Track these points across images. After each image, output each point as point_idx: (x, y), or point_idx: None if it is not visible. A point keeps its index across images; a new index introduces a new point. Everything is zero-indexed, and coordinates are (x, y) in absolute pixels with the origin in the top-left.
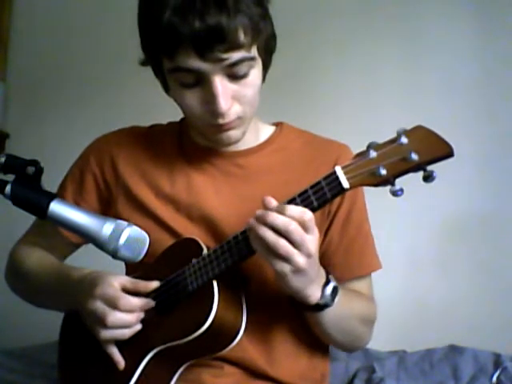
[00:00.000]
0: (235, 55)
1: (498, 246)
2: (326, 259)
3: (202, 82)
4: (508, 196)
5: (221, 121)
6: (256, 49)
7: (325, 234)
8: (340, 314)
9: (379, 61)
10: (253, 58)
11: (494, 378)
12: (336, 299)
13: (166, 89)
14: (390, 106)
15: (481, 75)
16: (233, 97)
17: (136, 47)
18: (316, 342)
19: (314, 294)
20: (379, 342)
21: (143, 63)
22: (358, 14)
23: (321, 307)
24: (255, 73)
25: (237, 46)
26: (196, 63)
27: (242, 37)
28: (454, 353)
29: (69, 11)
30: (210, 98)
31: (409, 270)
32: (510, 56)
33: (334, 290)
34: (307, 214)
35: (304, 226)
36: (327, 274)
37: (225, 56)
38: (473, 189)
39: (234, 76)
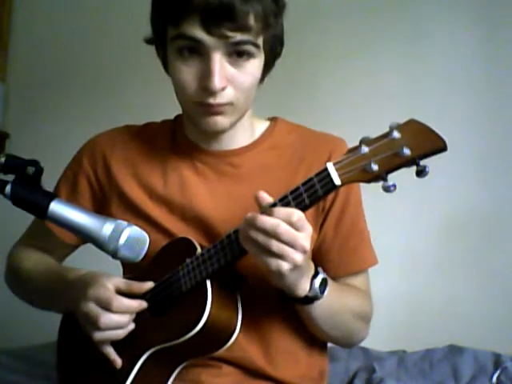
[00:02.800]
0: (241, 36)
1: (497, 245)
2: (320, 255)
3: (200, 55)
4: (507, 195)
5: (211, 100)
6: (262, 41)
7: (319, 229)
8: (331, 307)
9: (380, 62)
10: (256, 46)
11: (494, 378)
12: (326, 292)
13: (166, 66)
14: (391, 106)
15: (481, 75)
16: (228, 80)
17: (136, 48)
18: (314, 339)
19: (302, 286)
20: (379, 341)
21: (148, 40)
22: (359, 15)
23: (310, 300)
24: (255, 64)
25: (244, 28)
26: (200, 34)
27: (251, 21)
28: (453, 353)
29: (69, 11)
30: (206, 74)
31: (408, 269)
32: (509, 56)
33: (323, 282)
34: (295, 215)
35: (294, 227)
36: (316, 266)
37: (230, 34)
38: (472, 187)
39: (234, 58)
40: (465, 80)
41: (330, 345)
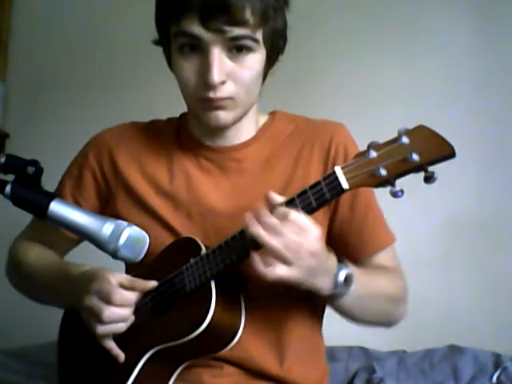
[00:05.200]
0: (238, 30)
1: (497, 246)
2: (341, 239)
3: (201, 51)
4: (507, 196)
5: (212, 94)
6: (262, 35)
7: (333, 215)
8: (361, 298)
9: (380, 61)
10: (255, 40)
11: (494, 378)
12: (352, 286)
13: (170, 64)
14: (391, 106)
15: (481, 76)
16: (228, 74)
17: (136, 47)
18: (317, 339)
19: (324, 286)
20: (379, 342)
21: (156, 42)
22: (358, 14)
23: (336, 296)
24: (255, 58)
25: (241, 22)
26: (198, 30)
27: (248, 15)
28: (453, 353)
29: (69, 11)
30: (205, 69)
31: (408, 269)
32: (510, 57)
33: (348, 278)
34: (291, 215)
35: (293, 227)
36: (339, 261)
37: (227, 28)
38: (473, 189)
39: (234, 53)
40: (465, 78)
41: (329, 344)
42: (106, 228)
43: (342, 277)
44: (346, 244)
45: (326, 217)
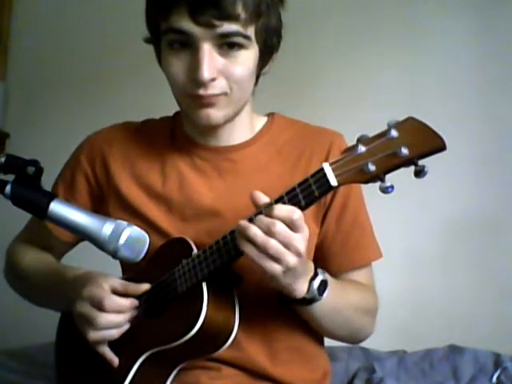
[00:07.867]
0: (228, 26)
1: (498, 246)
2: (323, 250)
3: (191, 48)
4: (507, 195)
5: (202, 91)
6: (254, 32)
7: (321, 224)
8: (334, 306)
9: (380, 61)
10: (246, 37)
11: (494, 378)
12: (325, 293)
13: (161, 62)
14: (391, 104)
15: (481, 76)
16: (219, 70)
17: (136, 48)
18: (317, 338)
19: (299, 288)
20: (379, 341)
21: (147, 40)
22: (358, 14)
23: (308, 301)
24: (247, 55)
25: (231, 17)
26: (188, 25)
27: (238, 10)
28: (453, 353)
29: (69, 11)
30: (195, 65)
31: (409, 269)
32: (509, 57)
33: (322, 284)
34: (296, 213)
35: (292, 225)
36: (315, 267)
37: (217, 23)
38: (472, 188)
39: (225, 50)
40: (464, 79)
41: (329, 344)
42: (106, 228)
43: (317, 282)
44: (326, 254)
45: (319, 218)
